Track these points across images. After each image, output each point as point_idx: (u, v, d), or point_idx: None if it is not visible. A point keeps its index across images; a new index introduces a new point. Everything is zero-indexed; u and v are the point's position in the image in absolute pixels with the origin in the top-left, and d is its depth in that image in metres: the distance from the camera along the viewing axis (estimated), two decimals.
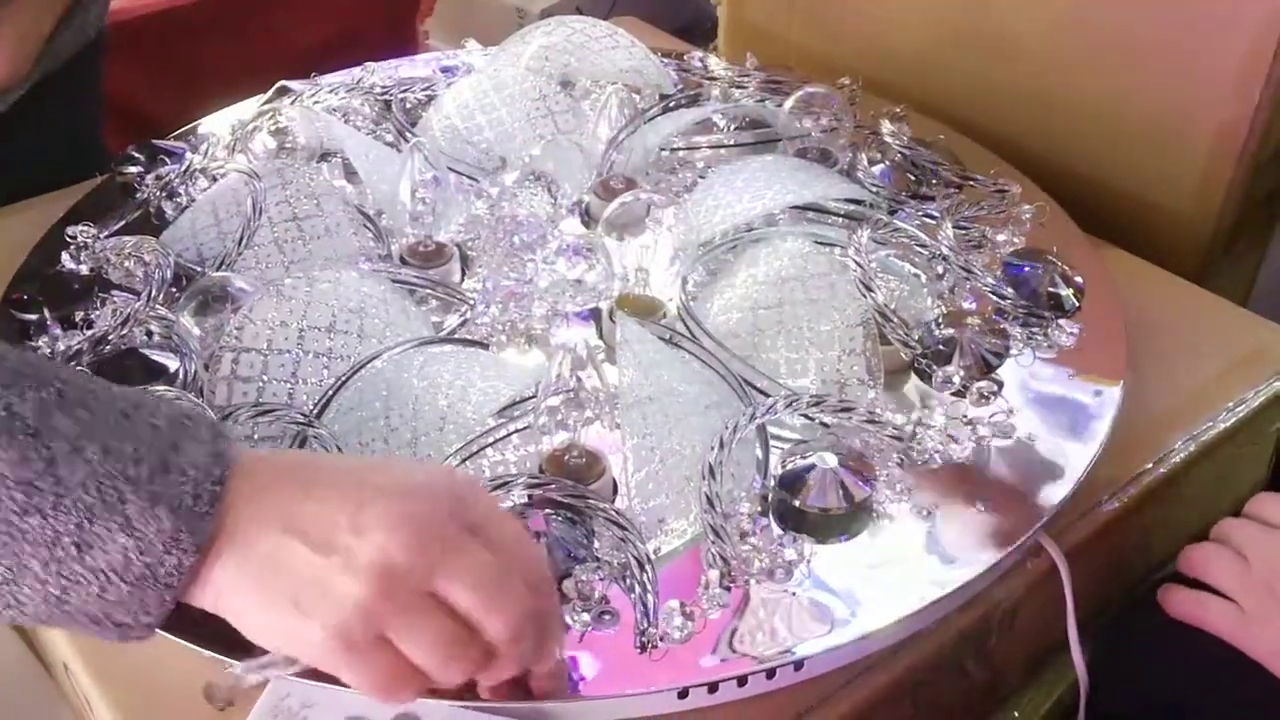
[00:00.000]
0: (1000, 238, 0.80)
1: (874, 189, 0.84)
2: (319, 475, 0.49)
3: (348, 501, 0.47)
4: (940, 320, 0.71)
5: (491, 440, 0.64)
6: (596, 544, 0.58)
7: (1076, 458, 0.66)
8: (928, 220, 0.81)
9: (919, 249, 0.77)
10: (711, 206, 0.79)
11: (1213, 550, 0.65)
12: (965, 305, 0.74)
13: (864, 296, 0.71)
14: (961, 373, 0.69)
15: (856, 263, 0.72)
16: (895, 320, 0.70)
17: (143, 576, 0.45)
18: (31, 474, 0.44)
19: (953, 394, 0.69)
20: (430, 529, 0.46)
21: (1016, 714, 0.72)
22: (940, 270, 0.76)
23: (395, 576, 0.46)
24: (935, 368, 0.69)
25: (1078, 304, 0.75)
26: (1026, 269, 0.76)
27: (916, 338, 0.70)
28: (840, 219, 0.82)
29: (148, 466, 0.45)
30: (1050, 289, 0.75)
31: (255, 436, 0.64)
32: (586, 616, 0.56)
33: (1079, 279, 0.76)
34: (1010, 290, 0.75)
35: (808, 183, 0.81)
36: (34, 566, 0.44)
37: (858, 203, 0.82)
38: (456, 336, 0.72)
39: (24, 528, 0.44)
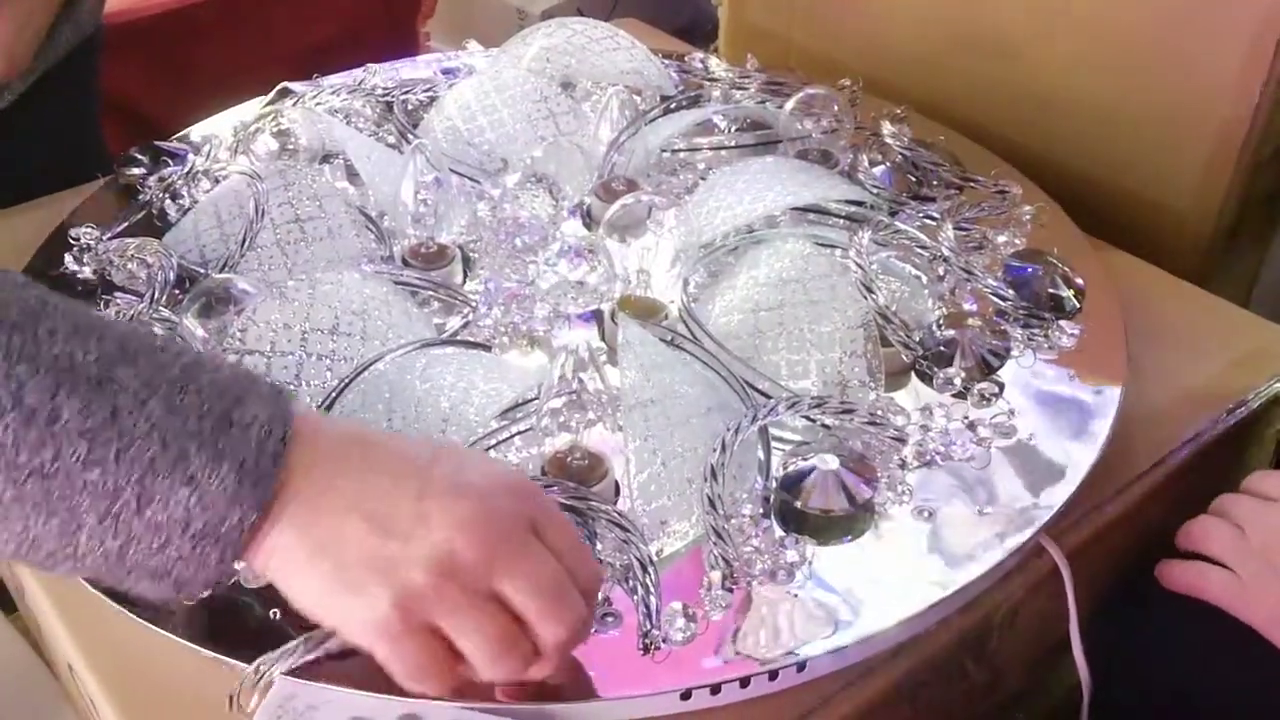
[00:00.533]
0: (1001, 239, 0.81)
1: (875, 190, 0.84)
2: (380, 454, 0.49)
3: (412, 487, 0.47)
4: (941, 322, 0.72)
5: (494, 442, 0.64)
6: (599, 546, 0.58)
7: (1077, 459, 0.66)
8: (928, 222, 0.81)
9: (920, 250, 0.77)
10: (712, 208, 0.79)
11: (1210, 523, 0.66)
12: (966, 307, 0.74)
13: (865, 298, 0.71)
14: (962, 374, 0.69)
15: (857, 264, 0.72)
16: (896, 322, 0.71)
17: (204, 533, 0.45)
18: (95, 425, 0.43)
19: (954, 395, 0.69)
20: (497, 529, 0.47)
21: (1020, 715, 0.72)
22: (941, 272, 0.76)
23: (458, 572, 0.46)
24: (936, 369, 0.70)
25: (1078, 305, 0.75)
26: (1027, 270, 0.76)
27: (917, 339, 0.71)
28: (841, 220, 0.82)
29: (211, 421, 0.45)
30: (1051, 290, 0.75)
31: None
32: None
33: (1079, 280, 0.76)
34: (1011, 291, 0.75)
35: (808, 184, 0.81)
36: (89, 520, 0.44)
37: (858, 204, 0.82)
38: (459, 338, 0.73)
39: (85, 479, 0.43)
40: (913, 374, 0.71)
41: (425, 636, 0.47)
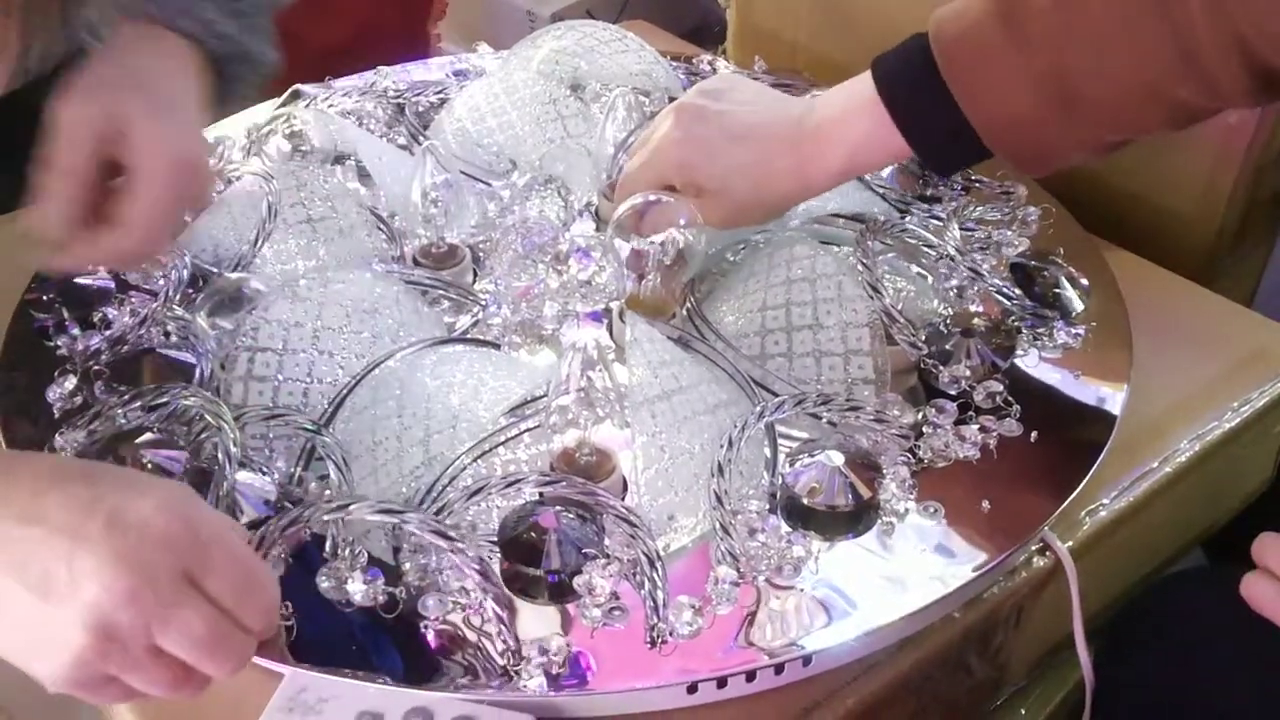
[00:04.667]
0: (1006, 239, 0.81)
1: (881, 191, 0.85)
2: (37, 504, 0.49)
3: (64, 547, 0.48)
4: (947, 321, 0.72)
5: (503, 439, 0.65)
6: (607, 540, 0.59)
7: (1082, 457, 0.66)
8: (935, 222, 0.82)
9: (926, 250, 0.78)
10: None
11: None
12: (972, 306, 0.75)
13: (871, 297, 0.72)
14: (968, 373, 0.70)
15: (864, 264, 0.73)
16: (902, 321, 0.71)
17: None
18: None
19: (959, 394, 0.69)
20: (148, 590, 0.48)
21: (1023, 711, 0.72)
22: (947, 271, 0.77)
23: (112, 633, 0.47)
24: (942, 368, 0.70)
25: (1083, 305, 0.76)
26: (1032, 270, 0.77)
27: (923, 338, 0.71)
28: (848, 220, 0.82)
29: None
30: (1056, 290, 0.76)
31: (270, 436, 0.65)
32: (597, 612, 0.57)
33: (1084, 280, 0.77)
34: (1016, 291, 0.76)
35: None
36: None
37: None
38: (468, 337, 0.73)
39: None
40: (918, 372, 0.72)
41: (106, 683, 0.49)
